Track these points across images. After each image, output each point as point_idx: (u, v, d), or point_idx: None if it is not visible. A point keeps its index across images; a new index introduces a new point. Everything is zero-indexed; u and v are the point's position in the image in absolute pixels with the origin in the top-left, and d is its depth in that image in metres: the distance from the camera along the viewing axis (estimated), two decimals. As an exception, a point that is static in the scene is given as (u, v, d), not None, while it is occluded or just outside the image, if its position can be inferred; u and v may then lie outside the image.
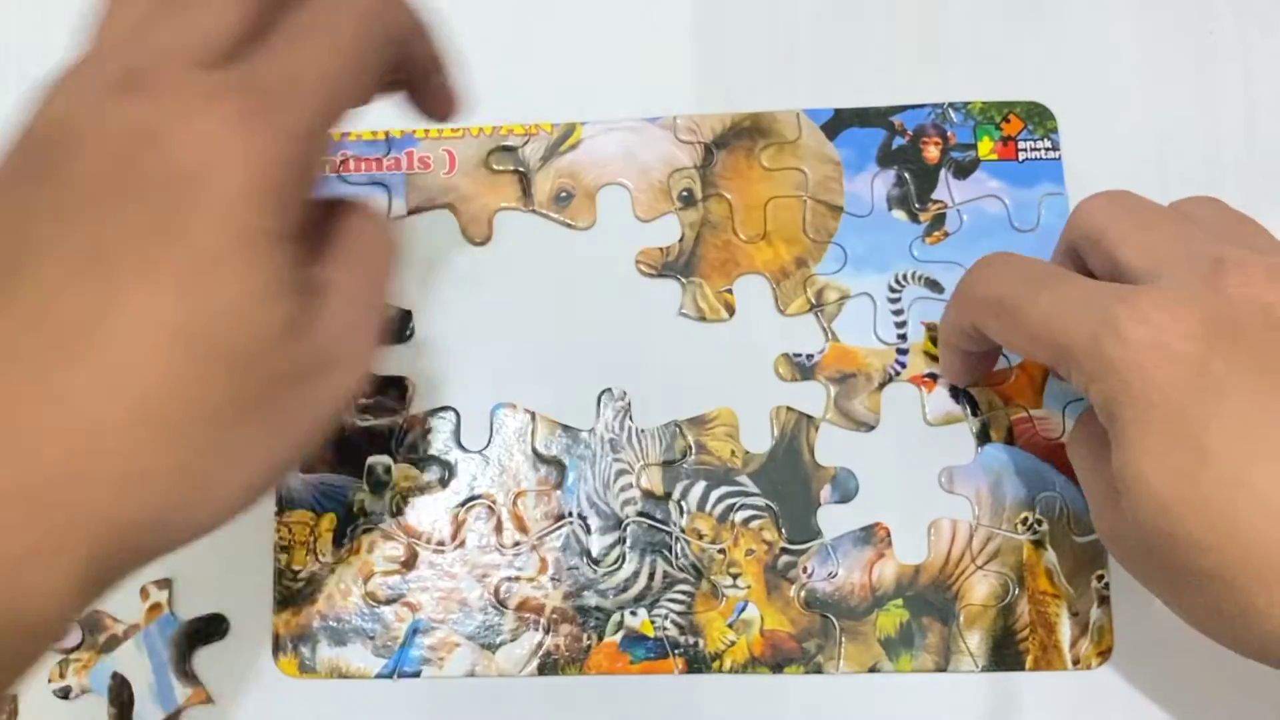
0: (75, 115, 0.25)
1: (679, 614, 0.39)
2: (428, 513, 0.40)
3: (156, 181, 0.24)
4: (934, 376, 0.40)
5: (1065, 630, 0.38)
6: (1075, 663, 0.38)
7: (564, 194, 0.42)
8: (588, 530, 0.40)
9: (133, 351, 0.23)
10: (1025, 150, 0.42)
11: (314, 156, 0.26)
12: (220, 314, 0.24)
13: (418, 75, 0.32)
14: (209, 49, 0.26)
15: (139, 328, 0.23)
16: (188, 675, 0.39)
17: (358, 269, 0.29)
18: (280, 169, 0.25)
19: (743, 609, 0.39)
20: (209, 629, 0.39)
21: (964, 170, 0.42)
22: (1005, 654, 0.38)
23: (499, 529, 0.40)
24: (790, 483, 0.40)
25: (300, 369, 0.26)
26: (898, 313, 0.41)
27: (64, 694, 0.39)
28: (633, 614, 0.39)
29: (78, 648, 0.39)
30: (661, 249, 0.42)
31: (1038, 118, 0.42)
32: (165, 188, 0.24)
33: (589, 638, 0.39)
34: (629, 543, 0.39)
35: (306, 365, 0.26)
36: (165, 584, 0.40)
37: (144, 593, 0.39)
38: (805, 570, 0.39)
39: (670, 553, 0.39)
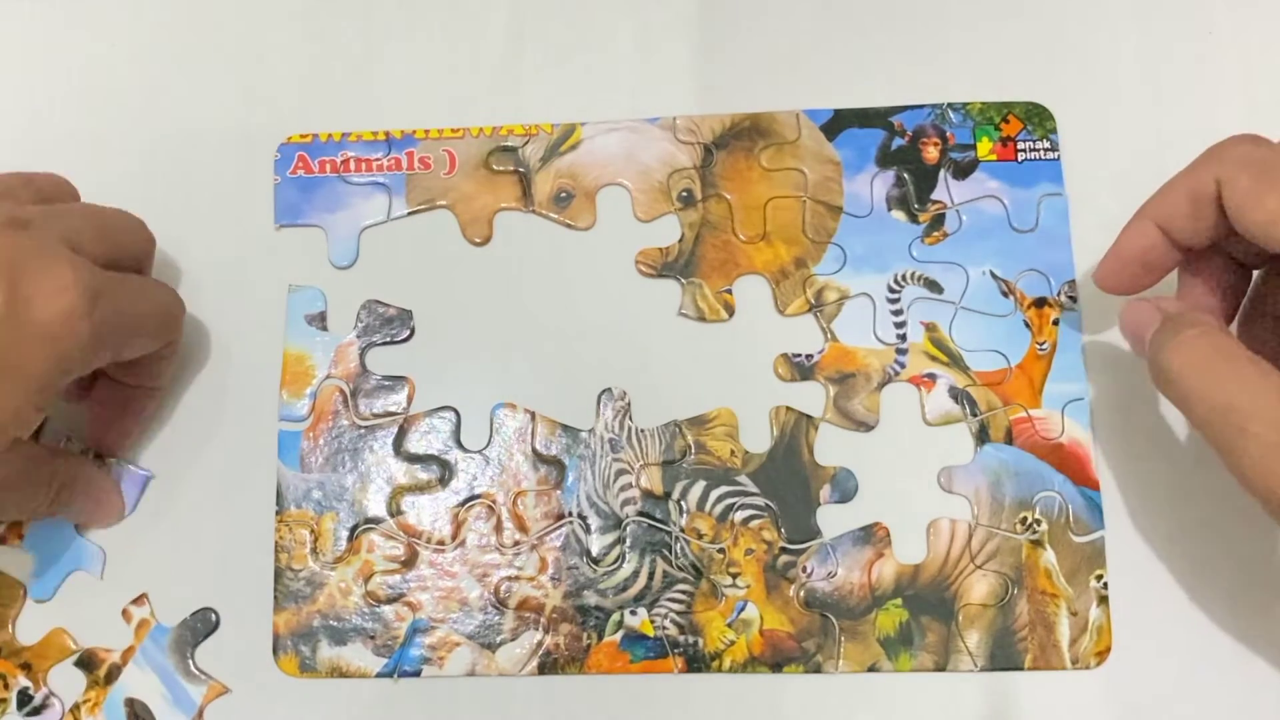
0: None
1: (679, 613, 0.39)
2: (428, 512, 0.40)
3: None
4: (933, 376, 0.40)
5: (1064, 630, 0.38)
6: (1074, 662, 0.38)
7: (564, 194, 0.42)
8: (588, 530, 0.40)
9: None
10: (1024, 150, 0.42)
11: (104, 354, 0.35)
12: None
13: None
14: (74, 245, 0.34)
15: None
16: (196, 675, 0.39)
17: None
18: (89, 342, 0.33)
19: (742, 608, 0.39)
20: (200, 625, 0.39)
21: (963, 171, 0.42)
22: (1004, 653, 0.38)
23: (499, 528, 0.40)
24: (790, 483, 0.40)
25: None
26: (897, 313, 0.41)
27: None
28: (632, 613, 0.39)
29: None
30: (661, 249, 0.42)
31: (1037, 118, 0.42)
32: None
33: (589, 637, 0.39)
34: (629, 542, 0.39)
35: None
36: (142, 599, 0.40)
37: (126, 615, 0.39)
38: (805, 570, 0.39)
39: (670, 552, 0.39)
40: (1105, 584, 0.38)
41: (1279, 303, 0.36)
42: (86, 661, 0.39)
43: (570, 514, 0.40)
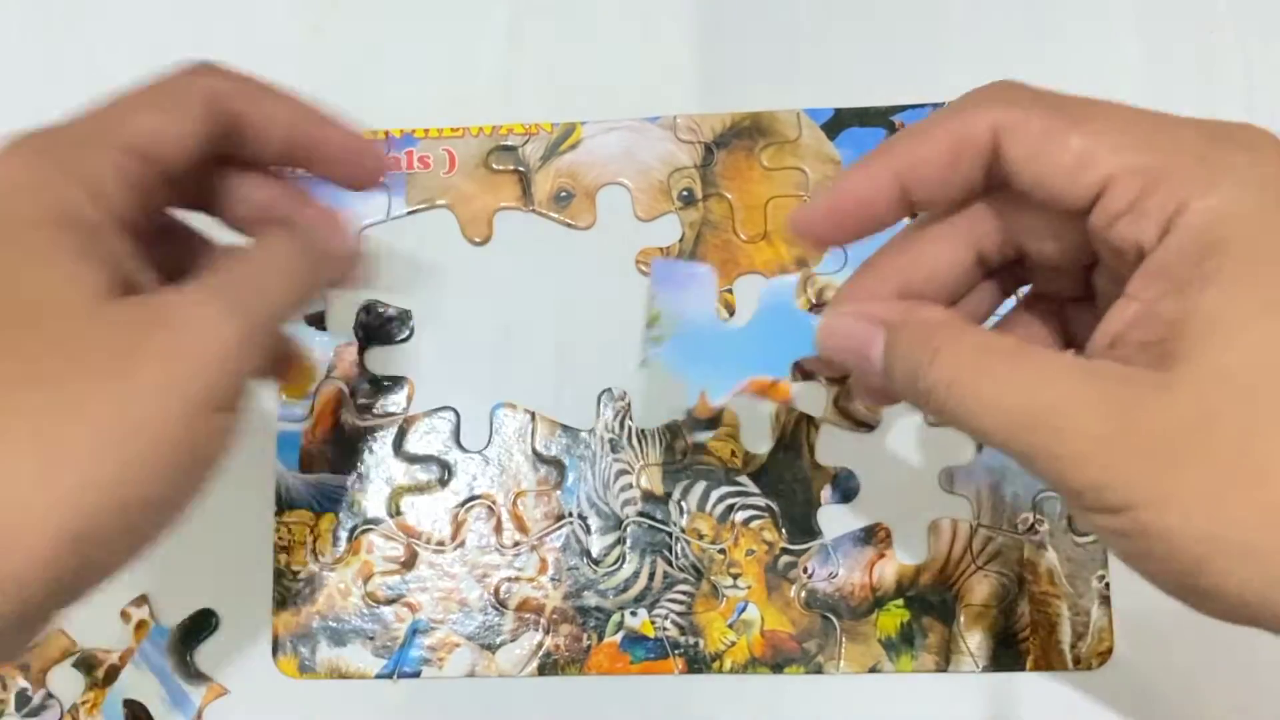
0: None
1: (679, 614, 0.39)
2: (428, 513, 0.40)
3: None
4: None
5: (1066, 631, 0.38)
6: (1076, 663, 0.38)
7: (564, 194, 0.42)
8: (588, 530, 0.40)
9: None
10: (1025, 150, 0.42)
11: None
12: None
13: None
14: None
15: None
16: (195, 675, 0.39)
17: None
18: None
19: (743, 609, 0.39)
20: (199, 626, 0.39)
21: (964, 170, 0.42)
22: (1006, 654, 0.38)
23: (499, 529, 0.40)
24: (790, 483, 0.40)
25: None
26: (898, 313, 0.41)
27: None
28: (633, 614, 0.39)
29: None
30: (661, 249, 0.42)
31: (1038, 118, 0.42)
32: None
33: (589, 638, 0.39)
34: (629, 543, 0.39)
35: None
36: (142, 600, 0.39)
37: (125, 615, 0.39)
38: (805, 570, 0.39)
39: (670, 553, 0.39)
40: (1107, 585, 0.38)
41: (1061, 283, 0.30)
42: (85, 662, 0.39)
43: (570, 514, 0.40)
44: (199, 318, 0.26)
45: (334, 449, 0.40)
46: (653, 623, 0.39)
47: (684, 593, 0.39)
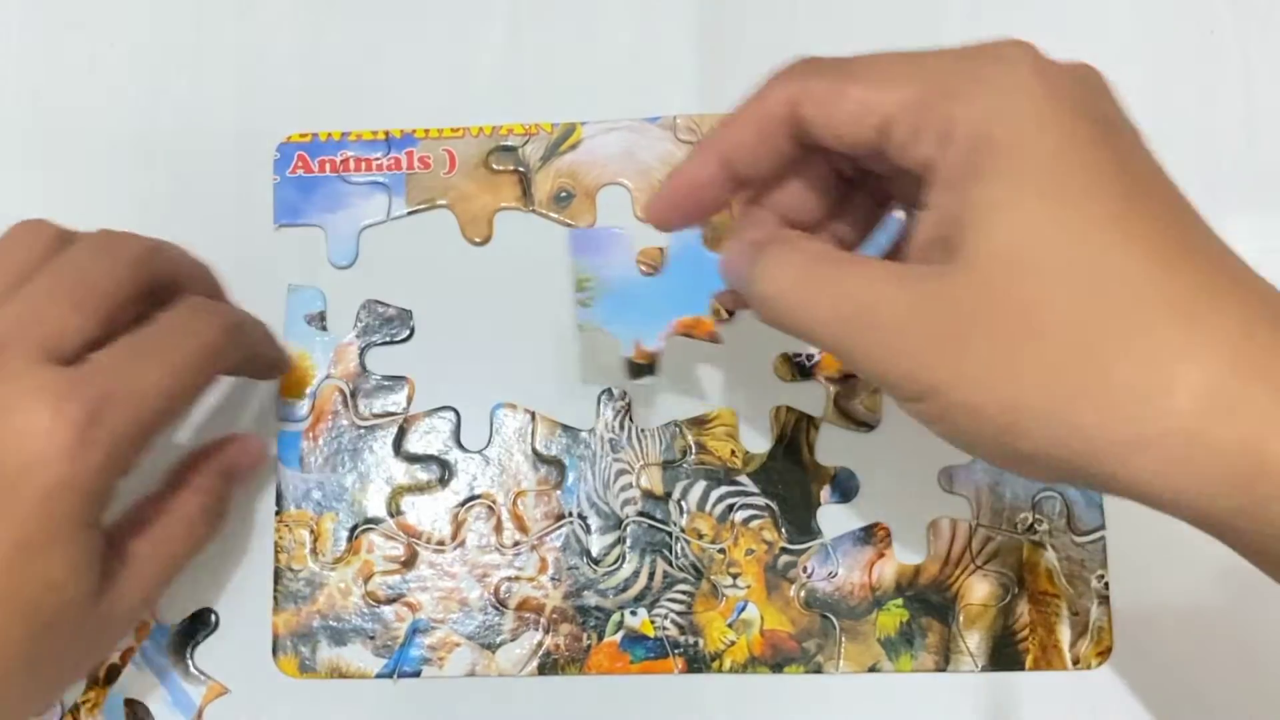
0: None
1: (679, 614, 0.39)
2: (428, 512, 0.40)
3: None
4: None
5: (1065, 630, 0.38)
6: (1075, 663, 0.38)
7: (564, 194, 0.42)
8: (588, 530, 0.40)
9: None
10: (1025, 150, 0.42)
11: (133, 458, 0.32)
12: (35, 587, 0.30)
13: (249, 370, 0.39)
14: (57, 345, 0.30)
15: None
16: (195, 675, 0.39)
17: (161, 543, 0.35)
18: (100, 472, 0.30)
19: (743, 609, 0.39)
20: (199, 625, 0.39)
21: (964, 170, 0.42)
22: (1005, 654, 0.38)
23: (499, 529, 0.40)
24: (790, 483, 0.40)
25: (90, 630, 0.32)
26: (898, 313, 0.41)
27: None
28: (633, 614, 0.39)
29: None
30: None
31: (1038, 118, 0.42)
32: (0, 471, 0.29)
33: (589, 637, 0.39)
34: (629, 543, 0.39)
35: (95, 627, 0.32)
36: None
37: None
38: (805, 570, 0.39)
39: (670, 552, 0.39)
40: (1106, 584, 0.38)
41: (861, 208, 0.33)
42: (86, 662, 0.39)
43: (570, 514, 0.40)
44: None
45: (334, 449, 0.40)
46: (652, 622, 0.39)
47: (684, 592, 0.39)
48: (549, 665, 0.39)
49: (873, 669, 0.38)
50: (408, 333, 0.41)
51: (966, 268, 0.26)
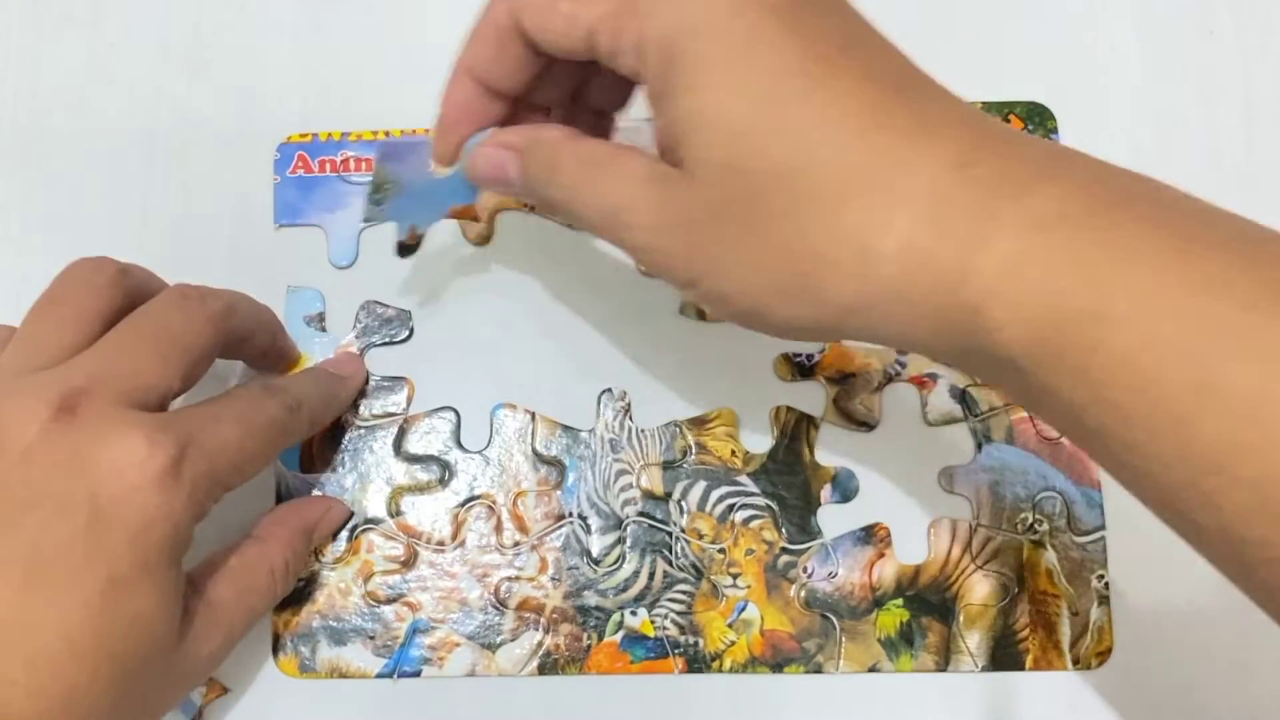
0: (13, 429, 0.30)
1: (679, 614, 0.39)
2: (428, 512, 0.40)
3: (84, 503, 0.29)
4: (934, 376, 0.40)
5: (1065, 630, 0.38)
6: (1075, 663, 0.38)
7: (564, 194, 0.42)
8: (588, 530, 0.40)
9: (50, 656, 0.28)
10: (1025, 150, 0.42)
11: (208, 506, 0.32)
12: (126, 624, 0.29)
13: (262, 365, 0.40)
14: (143, 395, 0.31)
15: (58, 634, 0.29)
16: None
17: (244, 592, 0.35)
18: (187, 509, 0.30)
19: (743, 609, 0.39)
20: None
21: (964, 170, 0.42)
22: (1005, 654, 0.38)
23: (499, 529, 0.40)
24: (790, 483, 0.40)
25: (171, 673, 0.32)
26: (898, 313, 0.41)
27: None
28: (633, 614, 0.39)
29: None
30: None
31: (1038, 118, 0.42)
32: (91, 510, 0.29)
33: (589, 637, 0.39)
34: (629, 543, 0.39)
35: (176, 670, 0.32)
36: None
37: None
38: (805, 570, 0.39)
39: (670, 552, 0.39)
40: (1106, 584, 0.38)
41: (600, 98, 0.35)
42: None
43: (570, 514, 0.40)
44: None
45: (334, 449, 0.40)
46: (653, 622, 0.39)
47: (684, 592, 0.39)
48: (549, 665, 0.39)
49: (873, 669, 0.38)
50: (407, 333, 0.41)
51: (689, 176, 0.28)
